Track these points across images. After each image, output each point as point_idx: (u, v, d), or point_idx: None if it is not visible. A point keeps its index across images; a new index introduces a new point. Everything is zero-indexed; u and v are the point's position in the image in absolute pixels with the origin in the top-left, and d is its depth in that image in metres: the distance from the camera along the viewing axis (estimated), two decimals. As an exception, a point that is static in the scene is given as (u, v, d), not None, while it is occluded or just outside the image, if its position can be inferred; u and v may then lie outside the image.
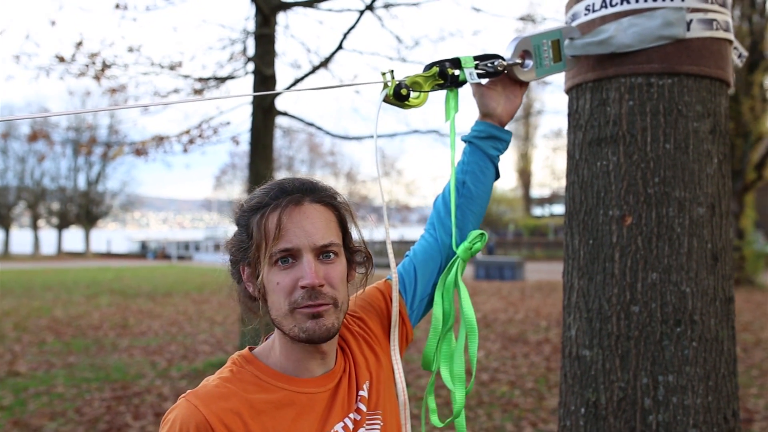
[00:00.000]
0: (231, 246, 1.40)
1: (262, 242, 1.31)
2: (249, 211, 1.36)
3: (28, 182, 51.99)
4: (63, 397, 6.96)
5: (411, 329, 1.62)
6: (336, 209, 1.39)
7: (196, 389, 1.31)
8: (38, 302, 16.36)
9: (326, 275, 1.31)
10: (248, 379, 1.34)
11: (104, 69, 9.20)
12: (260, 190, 1.39)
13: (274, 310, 1.33)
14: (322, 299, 1.30)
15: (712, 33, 1.83)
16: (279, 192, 1.35)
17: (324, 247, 1.32)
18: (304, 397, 1.34)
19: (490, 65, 1.75)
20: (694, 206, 1.80)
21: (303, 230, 1.30)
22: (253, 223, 1.34)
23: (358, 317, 1.55)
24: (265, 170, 9.28)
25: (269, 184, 1.39)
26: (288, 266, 1.30)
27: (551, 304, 14.87)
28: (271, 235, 1.30)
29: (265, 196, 1.35)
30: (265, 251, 1.31)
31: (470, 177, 1.72)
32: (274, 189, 1.36)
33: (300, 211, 1.32)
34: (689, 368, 1.77)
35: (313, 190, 1.37)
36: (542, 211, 58.98)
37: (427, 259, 1.66)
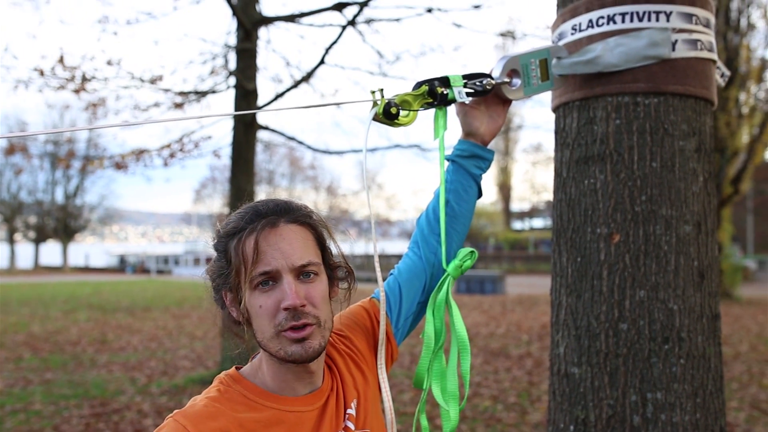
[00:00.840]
0: (211, 272, 1.40)
1: (241, 267, 1.31)
2: (225, 236, 1.36)
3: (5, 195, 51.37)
4: (41, 415, 6.86)
5: (396, 347, 1.62)
6: (312, 227, 1.40)
7: (183, 409, 1.30)
8: (14, 317, 16.13)
9: (307, 295, 1.32)
10: (236, 399, 1.33)
11: (84, 82, 9.14)
12: (235, 214, 1.39)
13: (260, 334, 1.33)
14: (305, 319, 1.30)
15: (697, 53, 1.86)
16: (254, 215, 1.35)
17: (303, 267, 1.32)
18: (293, 416, 1.34)
19: (478, 84, 1.76)
20: (680, 224, 1.82)
21: (280, 252, 1.31)
22: (230, 248, 1.34)
23: (344, 336, 1.55)
24: (247, 184, 9.26)
25: (244, 208, 1.39)
26: (269, 289, 1.31)
27: (532, 318, 14.91)
28: (249, 259, 1.30)
29: (240, 221, 1.35)
30: (245, 276, 1.31)
31: (453, 195, 1.73)
32: (248, 213, 1.36)
33: (276, 232, 1.33)
34: (677, 385, 1.78)
35: (287, 210, 1.37)
36: (522, 224, 59.26)
37: (412, 278, 1.67)
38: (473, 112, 1.78)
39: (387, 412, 1.50)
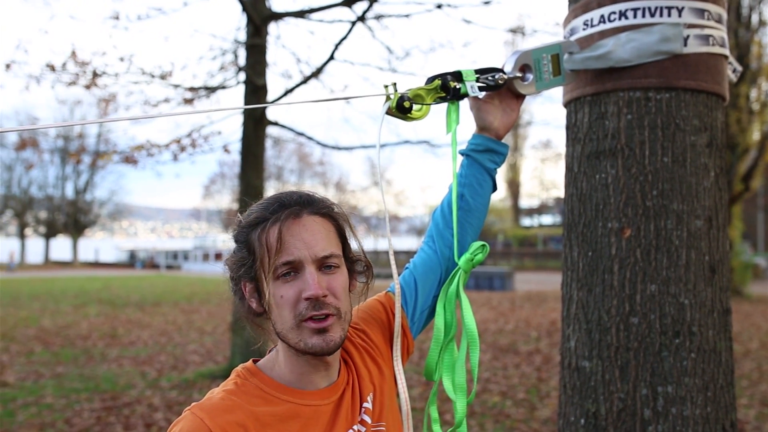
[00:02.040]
0: (231, 263, 1.40)
1: (265, 257, 1.32)
2: (248, 226, 1.36)
3: (16, 191, 51.68)
4: (52, 408, 6.91)
5: (412, 341, 1.63)
6: (334, 220, 1.40)
7: (201, 402, 1.31)
8: (26, 312, 16.24)
9: (329, 286, 1.32)
10: (253, 392, 1.34)
11: (95, 78, 9.19)
12: (257, 205, 1.39)
13: (279, 324, 1.33)
14: (326, 309, 1.30)
15: (709, 48, 1.86)
16: (278, 206, 1.35)
17: (325, 258, 1.33)
18: (309, 409, 1.34)
19: (491, 78, 1.77)
20: (692, 219, 1.82)
21: (303, 242, 1.32)
22: (253, 238, 1.34)
23: (360, 329, 1.56)
24: (256, 180, 9.28)
25: (267, 199, 1.40)
26: (291, 279, 1.31)
27: (541, 315, 14.91)
28: (273, 248, 1.30)
29: (264, 211, 1.35)
30: (268, 265, 1.31)
31: (468, 190, 1.73)
32: (272, 203, 1.37)
33: (299, 223, 1.33)
34: (688, 379, 1.78)
35: (311, 202, 1.38)
36: (531, 221, 59.14)
37: (428, 272, 1.67)
38: (487, 107, 1.78)
39: (403, 404, 1.51)
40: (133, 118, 1.58)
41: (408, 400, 1.50)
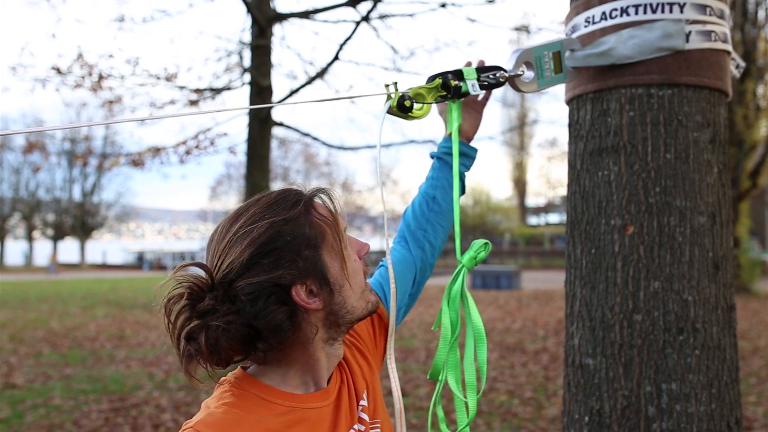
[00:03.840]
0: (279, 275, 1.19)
1: (329, 228, 1.25)
2: (283, 222, 1.21)
3: (23, 193, 51.91)
4: (60, 409, 6.94)
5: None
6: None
7: (203, 418, 1.18)
8: (34, 314, 16.30)
9: None
10: (254, 402, 1.24)
11: (101, 80, 9.22)
12: (268, 208, 1.24)
13: (353, 297, 1.28)
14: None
15: (711, 44, 1.85)
16: (289, 202, 1.25)
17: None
18: (313, 412, 1.28)
19: (492, 77, 1.77)
20: (695, 215, 1.82)
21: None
22: (297, 225, 1.22)
23: None
24: (262, 181, 9.31)
25: (269, 208, 1.24)
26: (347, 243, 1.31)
27: (548, 313, 14.88)
28: (333, 214, 1.27)
29: (287, 201, 1.25)
30: (336, 235, 1.26)
31: (440, 192, 1.75)
32: (288, 195, 1.27)
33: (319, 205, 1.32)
34: (692, 376, 1.78)
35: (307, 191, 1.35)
36: (538, 220, 59.05)
37: (404, 270, 1.67)
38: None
39: (396, 401, 1.51)
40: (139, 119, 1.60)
41: (401, 398, 1.50)
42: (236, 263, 1.18)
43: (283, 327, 1.19)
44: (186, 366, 1.17)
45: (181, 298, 1.16)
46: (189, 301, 1.16)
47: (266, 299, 1.17)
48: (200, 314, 1.15)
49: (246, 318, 1.16)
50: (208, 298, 1.16)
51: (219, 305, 1.16)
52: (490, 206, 52.88)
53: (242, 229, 1.21)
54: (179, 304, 1.16)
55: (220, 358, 1.18)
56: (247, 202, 1.29)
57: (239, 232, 1.21)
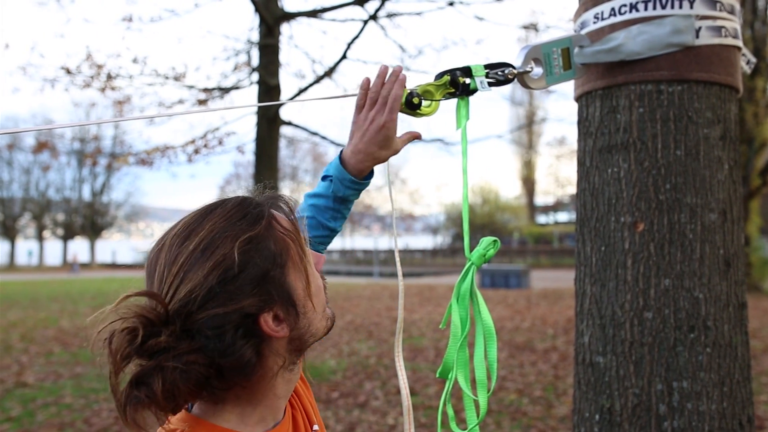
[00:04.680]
0: (248, 303, 1.02)
1: (291, 245, 1.08)
2: (248, 241, 1.03)
3: (33, 193, 52.17)
4: (71, 408, 6.96)
5: None
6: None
7: None
8: (44, 313, 16.38)
9: None
10: None
11: (110, 80, 9.26)
12: (228, 223, 1.06)
13: (318, 316, 1.13)
14: None
15: (721, 40, 1.84)
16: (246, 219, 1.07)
17: None
18: None
19: (500, 74, 1.76)
20: (705, 212, 1.80)
21: None
22: (263, 243, 1.05)
23: None
24: (271, 180, 9.30)
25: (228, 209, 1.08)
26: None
27: (558, 312, 14.84)
28: (295, 225, 1.10)
29: (247, 215, 1.07)
30: (299, 249, 1.09)
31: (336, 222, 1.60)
32: (248, 206, 1.10)
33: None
34: (703, 374, 1.77)
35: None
36: (547, 218, 58.92)
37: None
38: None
39: (404, 399, 1.50)
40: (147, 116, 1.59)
41: (409, 396, 1.49)
42: (197, 292, 0.99)
43: (250, 363, 1.03)
44: (133, 415, 0.96)
45: (128, 335, 0.96)
46: (139, 339, 0.96)
47: (234, 333, 1.00)
48: (153, 354, 0.96)
49: (210, 356, 0.99)
50: (164, 335, 0.96)
51: (176, 342, 0.97)
52: (498, 205, 52.80)
53: (199, 248, 1.02)
54: (125, 341, 0.96)
55: (176, 405, 0.99)
56: (195, 212, 1.10)
57: (195, 253, 1.01)
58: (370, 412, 6.40)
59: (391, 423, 5.96)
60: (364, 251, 47.66)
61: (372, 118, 1.54)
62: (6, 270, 46.75)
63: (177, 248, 1.03)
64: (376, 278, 29.68)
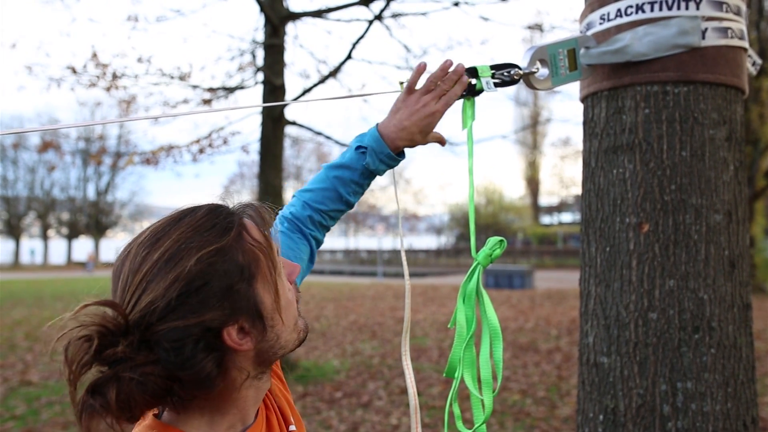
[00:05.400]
0: (210, 317, 1.00)
1: (261, 257, 1.05)
2: (214, 253, 1.00)
3: (38, 192, 52.26)
4: (75, 407, 6.99)
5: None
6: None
7: None
8: (49, 312, 16.42)
9: None
10: None
11: (115, 79, 9.28)
12: (195, 233, 1.02)
13: (287, 329, 1.10)
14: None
15: (727, 41, 1.84)
16: (226, 212, 1.07)
17: None
18: None
19: (506, 74, 1.77)
20: (710, 213, 1.81)
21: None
22: (230, 255, 1.02)
23: None
24: (275, 179, 9.32)
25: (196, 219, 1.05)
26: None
27: (561, 313, 14.83)
28: (266, 239, 1.08)
29: (216, 225, 1.04)
30: (269, 261, 1.06)
31: (355, 198, 1.61)
32: (217, 216, 1.06)
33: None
34: (708, 375, 1.77)
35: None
36: (551, 219, 58.87)
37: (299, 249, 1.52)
38: None
39: (411, 399, 1.51)
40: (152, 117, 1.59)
41: (416, 395, 1.49)
42: (158, 303, 0.96)
43: (210, 376, 1.01)
44: (87, 423, 0.94)
45: (85, 342, 0.94)
46: (95, 348, 0.94)
47: (193, 346, 0.98)
48: (110, 363, 0.95)
49: (168, 369, 0.97)
50: (121, 345, 0.95)
51: (134, 353, 0.95)
52: (503, 205, 52.78)
53: (163, 258, 0.99)
54: (82, 350, 0.94)
55: (132, 415, 0.97)
56: (164, 220, 1.07)
57: (159, 263, 0.99)
58: (373, 412, 6.41)
59: (394, 423, 5.97)
60: (368, 251, 47.69)
61: (425, 103, 1.56)
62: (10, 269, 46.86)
63: (141, 257, 1.00)
64: (379, 278, 29.68)
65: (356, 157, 1.55)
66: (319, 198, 1.54)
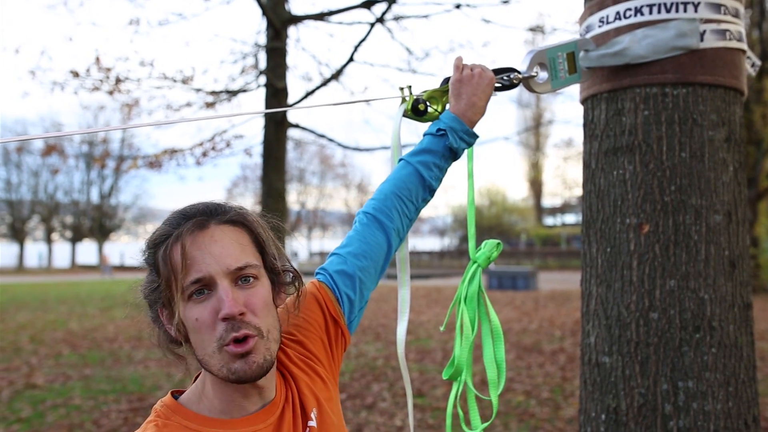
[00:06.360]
0: (144, 288, 1.25)
1: (171, 277, 1.16)
2: (153, 246, 1.21)
3: (42, 196, 52.35)
4: (80, 409, 7.01)
5: (349, 337, 1.49)
6: (248, 228, 1.24)
7: None
8: (53, 315, 16.45)
9: (247, 302, 1.16)
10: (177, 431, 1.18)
11: (118, 83, 9.31)
12: (163, 222, 1.24)
13: (200, 350, 1.17)
14: (246, 329, 1.14)
15: (726, 43, 1.86)
16: (180, 219, 1.20)
17: (239, 269, 1.17)
18: None
19: (506, 78, 1.78)
20: (710, 214, 1.82)
21: (212, 255, 1.16)
22: (158, 258, 1.19)
23: (296, 340, 1.39)
24: (278, 182, 9.35)
25: (172, 213, 1.24)
26: (204, 298, 1.15)
27: (565, 314, 14.83)
28: (179, 267, 1.15)
29: (167, 227, 1.20)
30: (176, 287, 1.15)
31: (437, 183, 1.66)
32: (175, 217, 1.22)
33: (206, 234, 1.18)
34: (709, 374, 1.78)
35: (217, 211, 1.23)
36: (554, 220, 58.79)
37: (375, 261, 1.54)
38: None
39: (409, 400, 1.52)
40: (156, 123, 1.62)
41: (411, 395, 1.51)
42: None
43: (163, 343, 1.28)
44: None
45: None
46: None
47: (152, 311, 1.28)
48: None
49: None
50: None
51: None
52: (506, 207, 52.76)
53: None
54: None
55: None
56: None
57: None
58: (377, 413, 6.42)
59: (398, 424, 5.98)
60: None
61: (479, 73, 1.66)
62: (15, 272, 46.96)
63: None
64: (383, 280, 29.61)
65: (436, 140, 1.63)
66: (404, 185, 1.59)
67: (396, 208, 1.57)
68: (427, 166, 1.61)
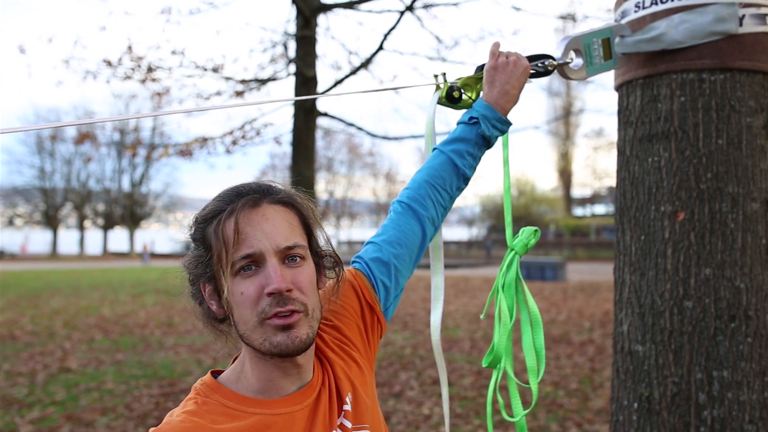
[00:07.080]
0: (188, 263, 1.28)
1: (222, 251, 1.19)
2: (203, 221, 1.24)
3: (75, 184, 53.18)
4: (113, 393, 7.13)
5: (384, 324, 1.51)
6: (297, 209, 1.27)
7: (159, 426, 1.16)
8: (86, 301, 16.73)
9: (294, 279, 1.19)
10: (216, 410, 1.21)
11: (149, 72, 9.39)
12: (213, 199, 1.27)
13: (242, 325, 1.20)
14: (292, 305, 1.17)
15: (765, 28, 1.82)
16: (234, 196, 1.24)
17: (288, 249, 1.20)
18: (281, 418, 1.22)
19: (540, 65, 1.77)
20: (747, 201, 1.80)
21: (263, 233, 1.19)
22: (209, 233, 1.22)
23: (332, 325, 1.42)
24: (307, 171, 9.38)
25: (223, 191, 1.28)
26: (252, 273, 1.18)
27: (594, 305, 14.73)
28: (230, 241, 1.18)
29: (220, 203, 1.24)
30: (226, 260, 1.19)
31: (471, 171, 1.67)
32: (228, 194, 1.25)
33: (258, 212, 1.21)
34: (744, 364, 1.76)
35: (270, 190, 1.26)
36: (583, 211, 58.29)
37: (410, 248, 1.55)
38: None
39: (443, 389, 1.52)
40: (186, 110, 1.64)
41: (446, 383, 1.50)
42: None
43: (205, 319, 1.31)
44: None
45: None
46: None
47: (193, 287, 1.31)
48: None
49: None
50: None
51: None
52: (535, 197, 52.41)
53: None
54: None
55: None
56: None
57: None
58: (405, 401, 6.45)
59: (426, 413, 6.00)
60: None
61: (514, 62, 1.67)
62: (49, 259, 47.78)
63: None
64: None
65: (468, 128, 1.64)
66: (437, 174, 1.61)
67: (430, 197, 1.58)
68: (461, 155, 1.62)
